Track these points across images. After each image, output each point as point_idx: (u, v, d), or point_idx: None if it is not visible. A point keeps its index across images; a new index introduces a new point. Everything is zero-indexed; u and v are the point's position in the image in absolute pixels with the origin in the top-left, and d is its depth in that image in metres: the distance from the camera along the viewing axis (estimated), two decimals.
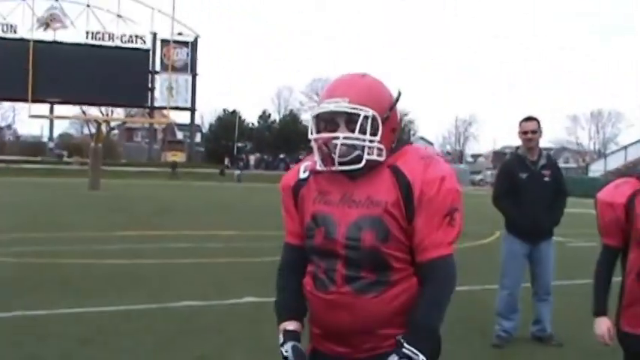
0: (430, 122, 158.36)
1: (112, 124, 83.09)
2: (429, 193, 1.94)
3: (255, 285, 7.55)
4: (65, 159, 61.64)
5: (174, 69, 62.42)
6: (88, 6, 58.86)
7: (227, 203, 24.10)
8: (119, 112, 76.88)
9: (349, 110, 1.96)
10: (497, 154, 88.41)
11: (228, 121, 71.55)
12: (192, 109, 65.29)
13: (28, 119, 73.55)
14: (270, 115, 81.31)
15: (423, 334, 1.93)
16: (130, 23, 59.85)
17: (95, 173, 31.67)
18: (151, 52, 60.63)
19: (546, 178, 5.47)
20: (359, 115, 1.95)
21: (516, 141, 5.64)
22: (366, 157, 1.96)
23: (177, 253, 10.38)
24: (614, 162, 59.16)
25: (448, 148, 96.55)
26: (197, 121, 79.95)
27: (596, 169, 59.00)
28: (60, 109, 57.04)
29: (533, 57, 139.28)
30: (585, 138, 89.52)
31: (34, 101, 54.73)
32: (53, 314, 6.08)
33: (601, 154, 76.19)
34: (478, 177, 67.86)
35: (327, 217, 2.00)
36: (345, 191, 2.02)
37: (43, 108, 56.81)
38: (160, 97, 61.89)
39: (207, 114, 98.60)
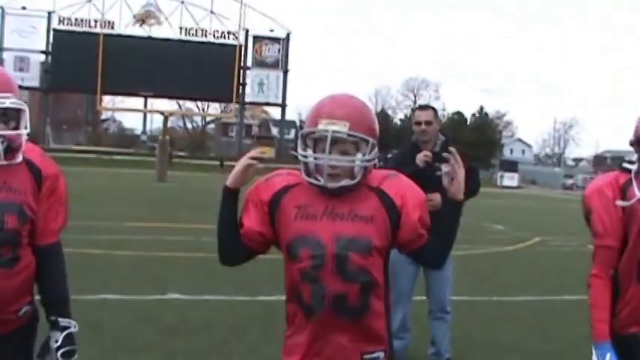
0: (530, 124, 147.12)
1: (208, 118, 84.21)
2: None
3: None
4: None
5: (266, 65, 60.84)
6: (182, 2, 58.48)
7: None
8: (216, 107, 77.72)
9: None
10: (599, 158, 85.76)
11: None
12: (283, 105, 64.93)
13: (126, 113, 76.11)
14: None
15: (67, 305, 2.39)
16: (222, 19, 59.36)
17: (162, 165, 31.16)
18: (242, 48, 58.82)
19: (439, 172, 3.97)
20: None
21: (619, 144, 8.20)
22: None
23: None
24: None
25: (547, 151, 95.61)
26: (294, 117, 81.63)
27: None
28: (155, 103, 60.76)
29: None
30: None
31: (127, 95, 59.36)
32: None
33: None
34: (570, 181, 65.35)
35: None
36: None
37: (137, 102, 60.79)
38: (251, 93, 62.32)
39: (305, 110, 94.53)
